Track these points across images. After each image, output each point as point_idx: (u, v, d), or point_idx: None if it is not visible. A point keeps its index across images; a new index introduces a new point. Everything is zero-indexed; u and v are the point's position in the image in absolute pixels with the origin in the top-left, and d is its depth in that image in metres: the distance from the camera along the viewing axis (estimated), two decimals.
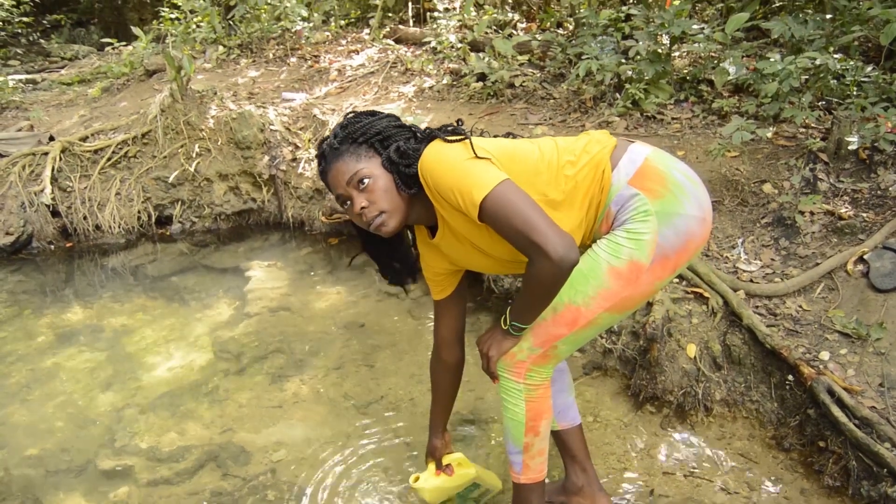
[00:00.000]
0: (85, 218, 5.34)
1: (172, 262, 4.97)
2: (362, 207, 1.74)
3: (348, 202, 1.78)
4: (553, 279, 1.61)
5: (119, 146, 5.50)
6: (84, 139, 5.60)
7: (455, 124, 1.81)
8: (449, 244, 1.90)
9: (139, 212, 5.43)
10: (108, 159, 5.46)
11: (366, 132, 1.78)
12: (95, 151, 5.50)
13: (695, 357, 2.85)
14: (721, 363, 2.84)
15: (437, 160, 1.69)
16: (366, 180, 1.74)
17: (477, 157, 1.68)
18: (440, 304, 2.13)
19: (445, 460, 2.28)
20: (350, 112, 1.91)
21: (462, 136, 1.74)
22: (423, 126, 2.05)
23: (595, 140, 1.83)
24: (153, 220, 5.47)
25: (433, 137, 1.78)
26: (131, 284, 4.64)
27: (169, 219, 5.53)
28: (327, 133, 1.84)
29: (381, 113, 1.87)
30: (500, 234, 1.66)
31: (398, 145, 1.77)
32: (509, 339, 1.84)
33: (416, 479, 2.24)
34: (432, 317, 2.38)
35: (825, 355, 2.68)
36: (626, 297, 1.75)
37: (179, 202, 5.49)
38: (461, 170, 1.66)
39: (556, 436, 2.24)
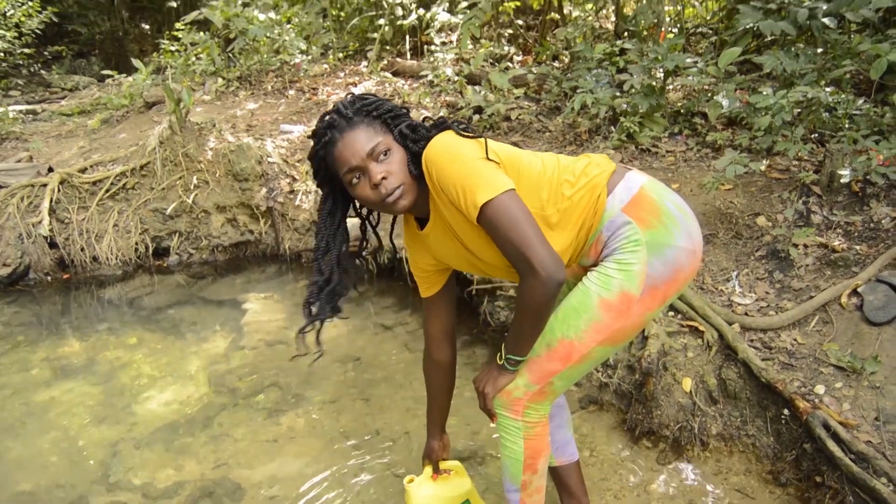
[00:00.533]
0: (82, 249, 5.36)
1: (169, 294, 4.98)
2: (382, 178, 1.68)
3: (359, 176, 1.71)
4: (542, 298, 1.61)
5: (117, 178, 5.54)
6: (83, 171, 5.64)
7: (466, 122, 1.80)
8: (437, 238, 1.87)
9: (136, 243, 5.44)
10: (107, 191, 5.49)
11: (379, 108, 1.75)
12: (94, 183, 5.53)
13: (690, 391, 2.85)
14: (717, 397, 2.84)
15: (446, 150, 1.67)
16: (388, 152, 1.71)
17: (488, 158, 1.67)
18: (428, 301, 2.10)
19: (443, 465, 2.24)
20: (349, 94, 1.89)
21: (476, 135, 1.73)
22: None
23: (595, 163, 1.84)
24: (150, 251, 5.49)
25: (446, 127, 1.75)
26: (128, 317, 4.64)
27: (166, 250, 5.55)
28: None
29: None
30: (493, 240, 1.67)
31: (410, 122, 1.77)
32: (505, 376, 1.83)
33: (411, 481, 2.18)
34: None
35: (820, 389, 2.68)
36: (617, 329, 1.75)
37: (177, 234, 5.51)
38: (470, 167, 1.64)
39: (554, 472, 2.23)
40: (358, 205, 1.93)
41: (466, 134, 1.72)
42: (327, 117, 1.75)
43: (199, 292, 4.96)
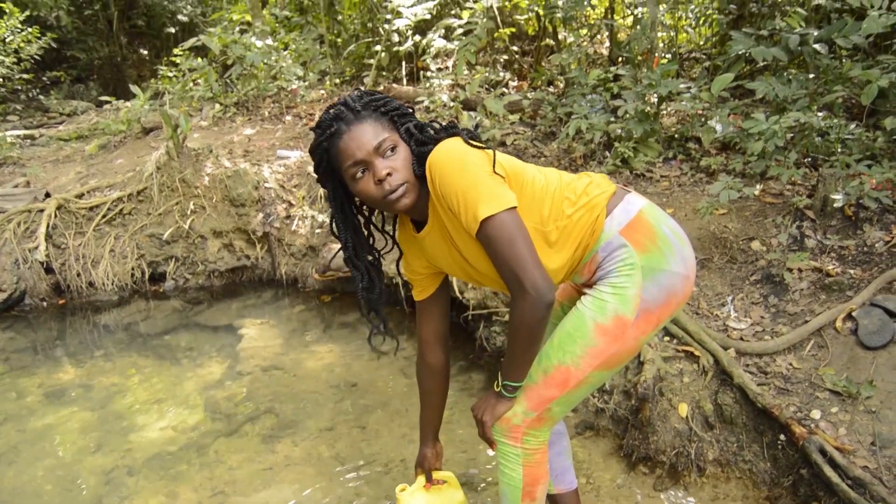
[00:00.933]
0: (78, 275, 5.36)
1: (165, 319, 4.97)
2: (387, 174, 1.67)
3: (364, 171, 1.69)
4: (533, 318, 1.63)
5: (114, 203, 5.55)
6: (80, 196, 5.65)
7: (474, 130, 1.78)
8: (434, 242, 1.86)
9: (133, 269, 5.45)
10: (104, 216, 5.51)
11: (387, 104, 1.74)
12: (91, 208, 5.55)
13: (687, 416, 2.85)
14: (713, 422, 2.84)
15: (453, 157, 1.66)
16: (395, 148, 1.70)
17: (494, 171, 1.67)
18: (421, 304, 2.09)
19: (436, 475, 2.20)
20: (356, 89, 1.88)
21: (484, 146, 1.73)
22: None
23: (595, 183, 1.85)
24: (147, 277, 5.49)
25: (455, 133, 1.74)
26: (123, 342, 4.63)
27: (163, 276, 5.55)
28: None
29: None
30: (488, 255, 1.68)
31: (417, 122, 1.77)
32: (503, 403, 1.84)
33: (403, 490, 2.14)
34: None
35: (816, 414, 2.68)
36: (613, 353, 1.76)
37: (173, 259, 5.52)
38: (474, 178, 1.63)
39: (552, 500, 2.22)
40: (359, 202, 1.89)
41: (475, 143, 1.71)
42: (333, 109, 1.73)
43: (196, 318, 4.96)
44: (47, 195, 5.79)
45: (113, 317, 5.10)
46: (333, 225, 1.88)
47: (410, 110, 1.81)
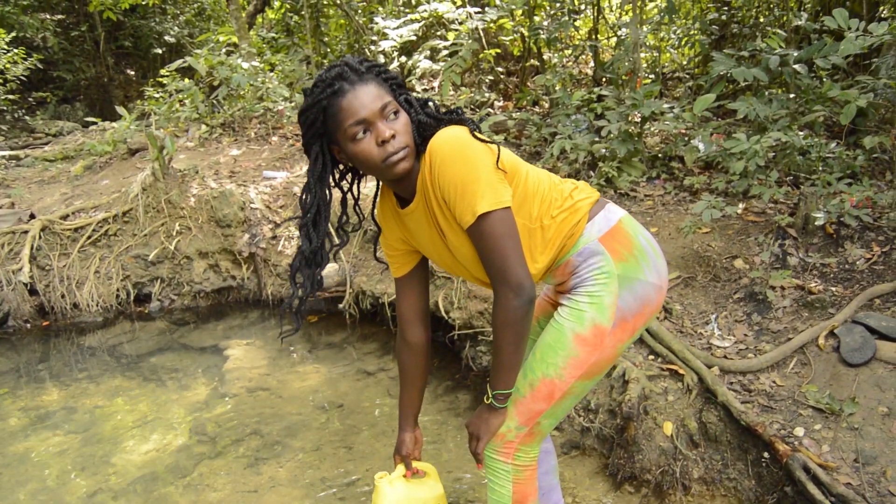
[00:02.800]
0: (63, 296, 5.32)
1: (150, 340, 4.94)
2: (391, 136, 1.63)
3: (365, 131, 1.64)
4: (517, 314, 1.64)
5: (99, 224, 5.53)
6: (64, 217, 5.63)
7: (477, 125, 1.76)
8: (417, 222, 1.83)
9: (118, 290, 5.42)
10: (89, 237, 5.48)
11: (387, 72, 1.72)
12: (76, 230, 5.52)
13: (671, 435, 2.86)
14: (698, 441, 2.85)
15: (456, 147, 1.64)
16: (397, 112, 1.67)
17: (497, 167, 1.67)
18: (400, 281, 2.05)
19: (416, 465, 2.12)
20: (353, 54, 1.83)
21: (489, 140, 1.72)
22: None
23: (581, 188, 1.87)
24: (132, 298, 5.46)
25: (462, 121, 1.72)
26: (108, 364, 4.60)
27: (148, 297, 5.52)
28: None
29: None
30: (475, 248, 1.68)
31: (419, 97, 1.75)
32: (496, 416, 1.83)
33: (382, 477, 2.06)
34: None
35: (800, 431, 2.69)
36: (594, 362, 1.78)
37: (159, 280, 5.50)
38: (477, 172, 1.62)
39: None
40: (338, 177, 1.85)
41: (479, 136, 1.69)
42: (335, 69, 1.67)
43: (181, 339, 4.93)
44: (32, 216, 5.76)
45: (97, 338, 5.07)
46: (304, 192, 1.78)
47: (407, 89, 1.78)
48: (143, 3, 11.71)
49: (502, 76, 7.86)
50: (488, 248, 1.64)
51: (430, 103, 1.77)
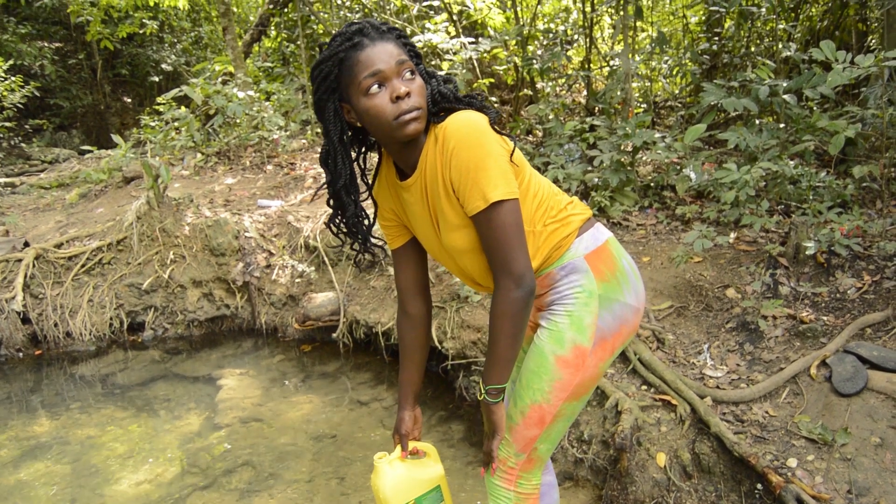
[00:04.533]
0: (56, 325, 5.31)
1: (143, 370, 4.93)
2: (406, 92, 1.60)
3: (380, 85, 1.61)
4: (517, 305, 1.64)
5: (93, 253, 5.53)
6: (59, 245, 5.63)
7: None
8: (413, 197, 1.81)
9: (111, 318, 5.40)
10: (82, 266, 5.48)
11: (409, 39, 1.71)
12: (69, 258, 5.52)
13: (665, 466, 2.85)
14: (691, 472, 2.84)
15: (473, 131, 1.62)
16: (413, 73, 1.65)
17: (511, 161, 1.68)
18: (396, 253, 2.02)
19: (416, 446, 2.07)
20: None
21: (506, 133, 1.72)
22: None
23: (576, 204, 1.89)
24: (125, 326, 5.44)
25: (482, 108, 1.72)
26: (100, 394, 4.58)
27: (141, 325, 5.51)
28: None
29: None
30: (480, 235, 1.67)
31: (444, 74, 1.74)
32: (495, 411, 1.79)
33: (381, 458, 2.00)
34: None
35: (793, 462, 2.69)
36: (578, 383, 1.79)
37: (152, 308, 5.49)
38: (494, 159, 1.61)
39: None
40: (351, 134, 1.78)
41: (496, 128, 1.69)
42: (357, 25, 1.66)
43: (174, 368, 4.91)
44: (26, 244, 5.76)
45: (90, 367, 5.05)
46: (327, 154, 1.75)
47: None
48: (141, 31, 11.83)
49: (496, 105, 7.92)
50: (495, 237, 1.63)
51: (453, 83, 1.76)
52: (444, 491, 2.08)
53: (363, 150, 1.87)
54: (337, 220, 1.87)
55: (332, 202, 1.84)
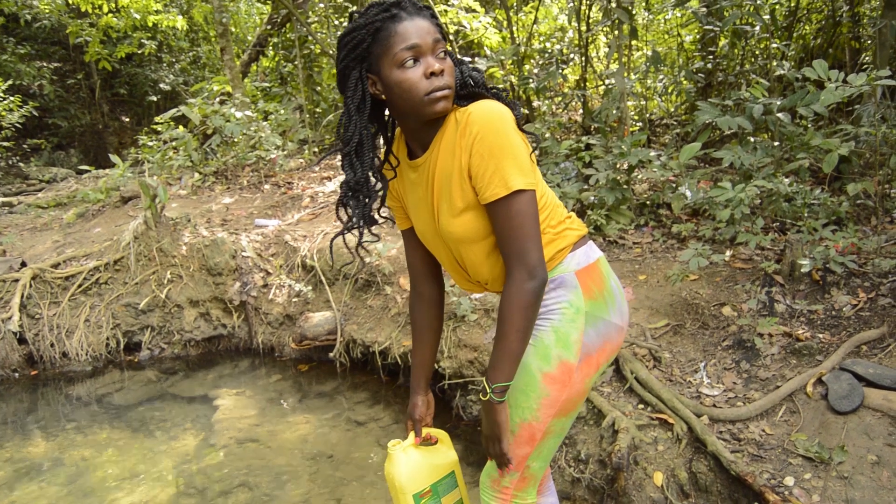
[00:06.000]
0: (52, 345, 5.30)
1: (139, 390, 4.91)
2: (441, 70, 1.61)
3: (415, 59, 1.61)
4: (530, 296, 1.62)
5: (90, 273, 5.53)
6: (56, 265, 5.63)
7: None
8: (421, 177, 1.80)
9: (108, 338, 5.39)
10: (79, 286, 5.48)
11: (439, 20, 1.70)
12: (66, 278, 5.52)
13: (662, 485, 2.84)
14: (688, 491, 2.84)
15: (500, 121, 1.62)
16: (445, 53, 1.66)
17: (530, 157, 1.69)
18: (406, 234, 2.01)
19: (429, 431, 2.05)
20: None
21: (529, 132, 1.74)
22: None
23: (574, 219, 1.89)
24: (122, 346, 5.43)
25: (511, 105, 1.72)
26: (96, 414, 4.56)
27: (138, 345, 5.50)
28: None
29: None
30: (495, 224, 1.66)
31: (471, 64, 1.76)
32: (500, 412, 1.74)
33: (396, 445, 1.98)
34: None
35: (790, 481, 2.68)
36: (565, 399, 1.80)
37: (149, 328, 5.48)
38: (518, 150, 1.62)
39: None
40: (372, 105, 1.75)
41: (518, 127, 1.70)
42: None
43: (170, 388, 4.90)
44: (23, 264, 5.76)
45: (86, 388, 5.03)
46: (343, 125, 1.74)
47: None
48: (140, 51, 11.90)
49: None
50: (512, 226, 1.62)
51: (480, 73, 1.76)
52: (458, 476, 2.07)
53: (378, 125, 1.84)
54: (343, 191, 1.83)
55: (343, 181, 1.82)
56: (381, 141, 1.86)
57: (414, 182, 1.83)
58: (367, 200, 1.81)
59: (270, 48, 10.84)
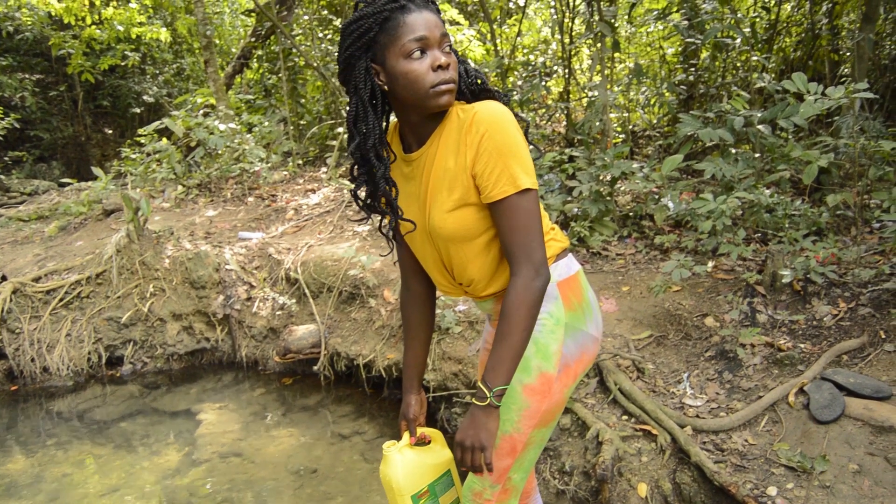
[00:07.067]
0: (33, 360, 5.23)
1: (122, 405, 4.86)
2: (447, 63, 1.62)
3: (422, 51, 1.60)
4: (535, 294, 1.62)
5: (72, 286, 5.48)
6: (37, 279, 5.58)
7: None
8: (415, 172, 1.79)
9: (89, 353, 5.34)
10: (61, 300, 5.43)
11: (442, 20, 1.69)
12: (48, 292, 5.47)
13: (646, 497, 2.85)
14: (672, 502, 2.84)
15: (510, 121, 1.64)
16: (450, 48, 1.66)
17: None
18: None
19: (423, 431, 2.03)
20: None
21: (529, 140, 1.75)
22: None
23: (557, 230, 1.91)
24: (103, 361, 5.38)
25: (507, 105, 1.73)
26: (77, 430, 4.51)
27: (120, 360, 5.45)
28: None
29: None
30: (501, 223, 1.65)
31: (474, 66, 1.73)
32: (495, 419, 1.69)
33: (391, 446, 1.96)
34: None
35: (772, 490, 2.70)
36: (546, 410, 1.80)
37: (131, 342, 5.43)
38: (524, 150, 1.64)
39: None
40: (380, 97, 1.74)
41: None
42: None
43: (153, 403, 4.86)
44: (3, 278, 5.69)
45: (67, 403, 4.98)
46: (356, 114, 1.72)
47: None
48: (123, 63, 11.85)
49: None
50: (519, 224, 1.63)
51: (482, 73, 1.78)
52: (454, 475, 2.05)
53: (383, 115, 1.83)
54: (362, 189, 1.83)
55: (356, 169, 1.82)
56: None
57: (407, 176, 1.82)
58: (394, 193, 1.81)
59: (255, 60, 10.83)
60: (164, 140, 8.08)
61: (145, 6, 11.31)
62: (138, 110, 14.37)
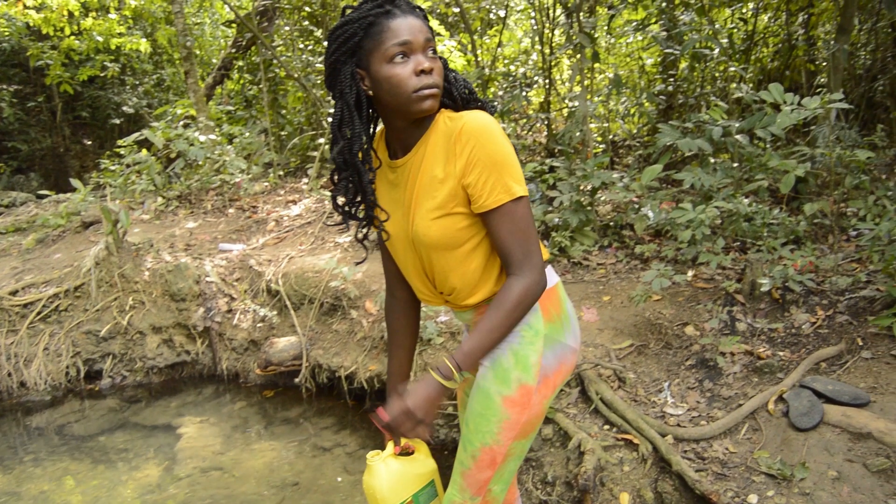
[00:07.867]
0: (10, 375, 5.16)
1: (100, 419, 4.81)
2: (430, 68, 1.62)
3: (404, 56, 1.61)
4: (530, 297, 1.66)
5: (50, 300, 5.42)
6: (14, 293, 5.51)
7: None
8: (400, 178, 1.79)
9: (68, 367, 5.28)
10: (38, 313, 5.37)
11: (429, 23, 1.71)
12: (25, 305, 5.40)
13: None
14: None
15: (497, 130, 1.65)
16: (435, 53, 1.66)
17: None
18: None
19: (405, 440, 2.00)
20: None
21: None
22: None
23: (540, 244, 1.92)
24: (82, 375, 5.31)
25: (491, 114, 1.75)
26: (55, 445, 4.45)
27: (99, 373, 5.38)
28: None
29: None
30: (496, 231, 1.66)
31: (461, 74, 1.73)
32: (443, 398, 1.71)
33: (375, 455, 1.95)
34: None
35: (753, 498, 2.71)
36: (525, 421, 1.81)
37: (110, 356, 5.37)
38: (514, 159, 1.65)
39: None
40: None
41: None
42: None
43: (132, 417, 4.80)
44: None
45: (45, 418, 4.91)
46: (341, 118, 1.72)
47: None
48: (102, 74, 11.77)
49: None
50: (516, 230, 1.65)
51: (468, 83, 1.79)
52: (437, 485, 2.05)
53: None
54: (342, 195, 1.83)
55: (338, 175, 1.82)
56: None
57: (392, 182, 1.82)
58: (372, 198, 1.83)
59: (235, 71, 10.81)
60: (144, 151, 8.02)
61: (125, 17, 11.23)
62: (118, 121, 14.26)
